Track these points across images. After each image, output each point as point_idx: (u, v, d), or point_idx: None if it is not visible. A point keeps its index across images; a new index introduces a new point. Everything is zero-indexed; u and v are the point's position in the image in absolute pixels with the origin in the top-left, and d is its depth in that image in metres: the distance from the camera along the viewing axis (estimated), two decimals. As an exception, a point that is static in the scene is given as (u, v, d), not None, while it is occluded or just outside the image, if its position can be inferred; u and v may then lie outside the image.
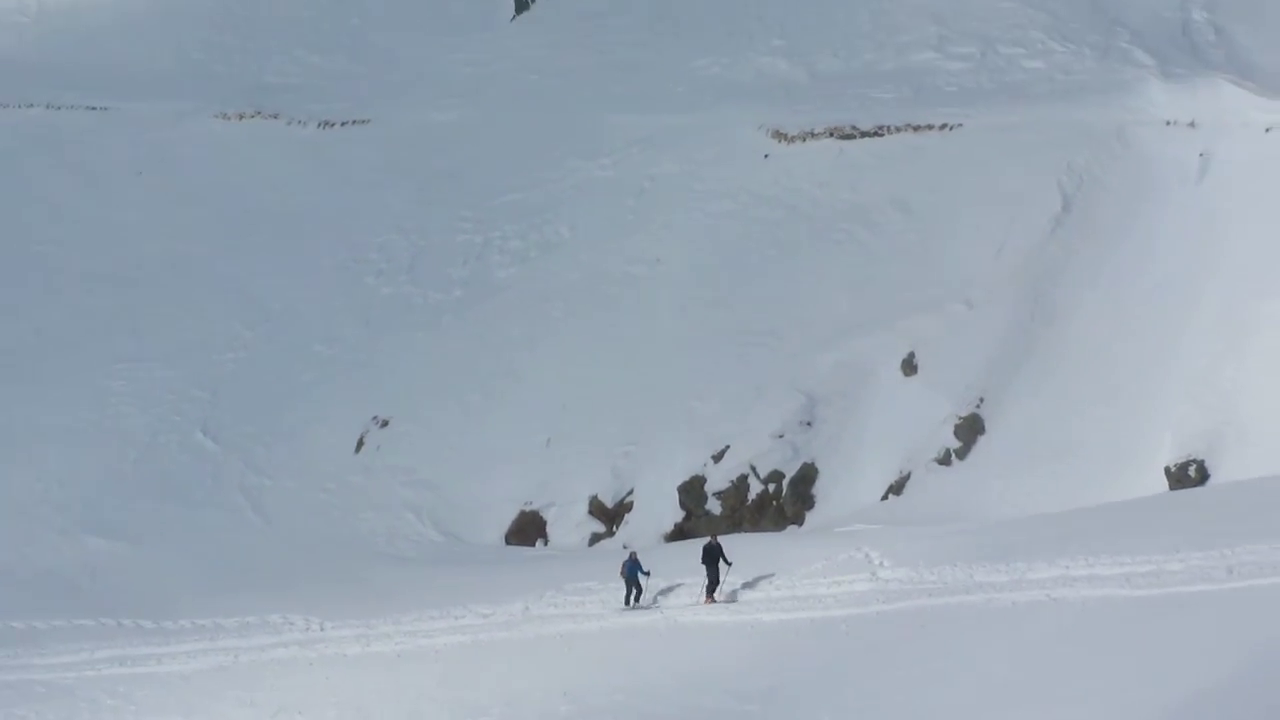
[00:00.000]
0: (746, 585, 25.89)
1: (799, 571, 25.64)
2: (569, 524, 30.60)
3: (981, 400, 29.19)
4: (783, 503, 29.48)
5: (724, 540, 26.49)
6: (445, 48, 39.71)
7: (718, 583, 25.61)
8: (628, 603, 26.96)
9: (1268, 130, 29.51)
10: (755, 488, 29.76)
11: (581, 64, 37.20)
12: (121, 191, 40.05)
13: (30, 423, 35.30)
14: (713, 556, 25.69)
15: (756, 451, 29.96)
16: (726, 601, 25.94)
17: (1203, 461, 27.04)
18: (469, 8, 40.81)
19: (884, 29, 34.68)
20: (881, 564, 25.66)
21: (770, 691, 22.67)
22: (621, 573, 26.20)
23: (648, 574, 26.26)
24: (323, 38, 42.56)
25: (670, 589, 26.40)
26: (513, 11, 39.38)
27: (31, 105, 42.86)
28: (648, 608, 26.47)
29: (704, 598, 25.57)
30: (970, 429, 29.01)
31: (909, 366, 29.71)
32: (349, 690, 26.78)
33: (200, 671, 28.61)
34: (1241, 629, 20.53)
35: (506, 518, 30.97)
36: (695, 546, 26.57)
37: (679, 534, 30.10)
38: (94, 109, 41.45)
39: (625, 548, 28.01)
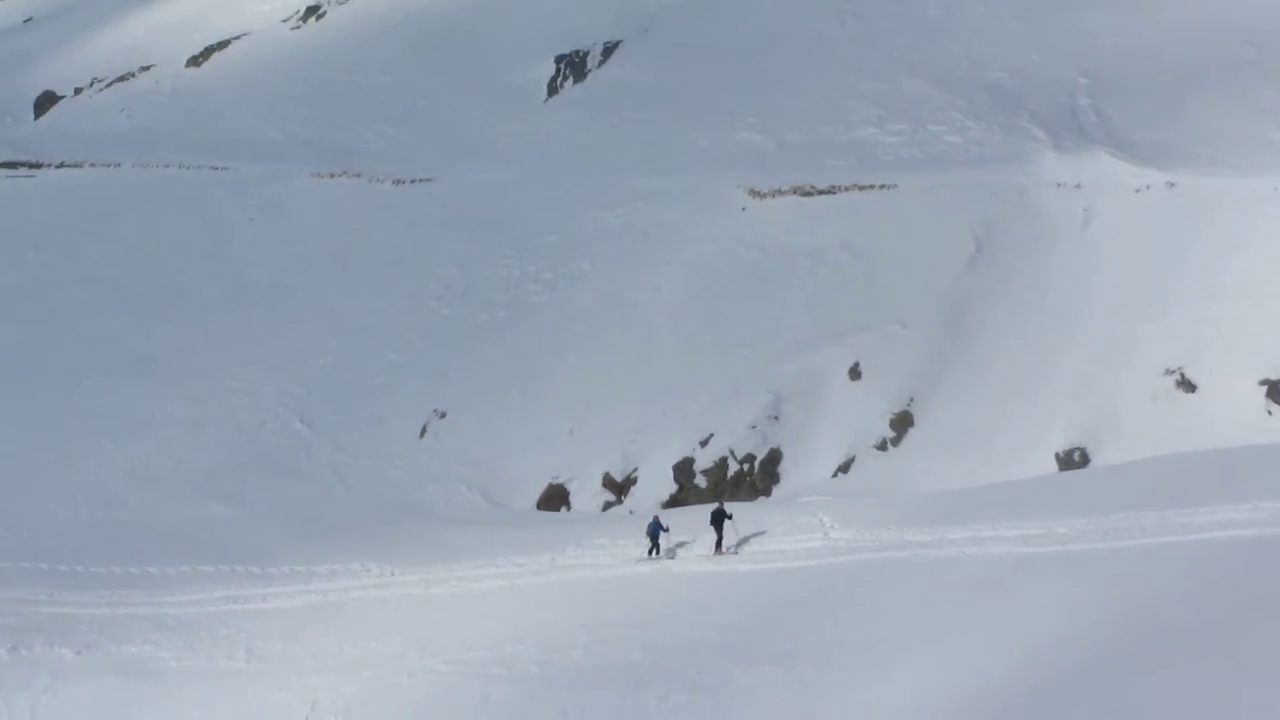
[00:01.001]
0: (679, 547, 26.68)
1: (768, 532, 26.06)
2: (587, 494, 30.82)
3: (911, 400, 29.53)
4: (754, 479, 29.72)
5: (684, 517, 27.02)
6: (493, 123, 40.07)
7: (721, 540, 25.66)
8: (650, 555, 26.91)
9: (1136, 191, 29.95)
10: (733, 467, 30.02)
11: (600, 137, 37.59)
12: (238, 234, 40.57)
13: (166, 412, 35.65)
14: (719, 519, 25.94)
15: (734, 439, 30.22)
16: (732, 554, 26.11)
17: (1085, 449, 27.49)
18: (511, 92, 40.92)
19: (837, 110, 34.98)
20: (831, 526, 26.02)
21: (742, 624, 23.20)
22: (647, 531, 26.53)
23: (667, 530, 26.46)
24: (396, 114, 42.71)
25: (683, 544, 26.71)
26: (545, 95, 39.94)
27: (168, 166, 43.24)
28: (668, 559, 26.59)
29: (714, 551, 25.91)
30: (902, 422, 29.35)
31: (854, 373, 29.96)
32: (413, 623, 27.05)
33: (296, 608, 28.77)
34: (1113, 580, 21.24)
35: (538, 489, 31.15)
36: (701, 511, 27.10)
37: (673, 503, 30.41)
38: (217, 169, 41.99)
39: (655, 516, 27.76)
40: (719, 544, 25.91)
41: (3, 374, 39.38)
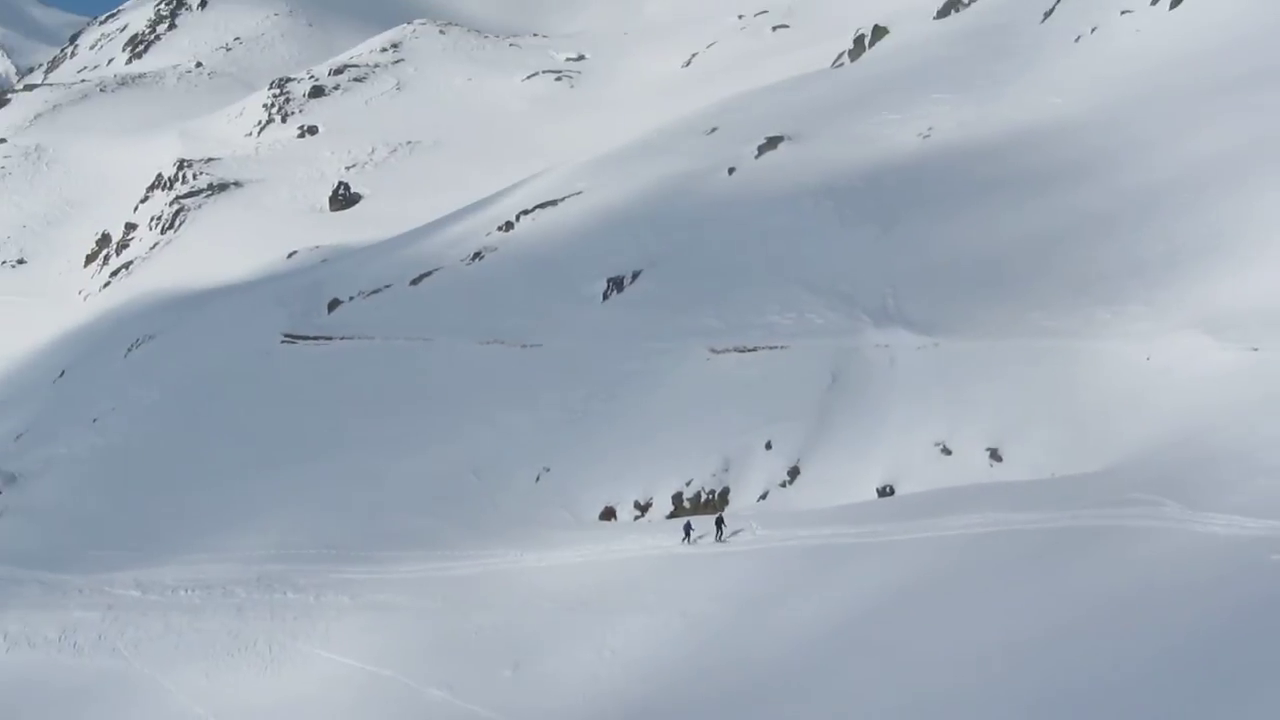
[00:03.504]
0: (700, 538, 26.42)
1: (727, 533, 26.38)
2: (625, 512, 30.72)
3: (799, 460, 29.61)
4: (715, 503, 29.68)
5: (697, 520, 27.34)
6: (572, 314, 38.81)
7: (721, 534, 25.93)
8: (683, 542, 26.47)
9: (918, 349, 29.94)
10: (703, 496, 30.05)
11: (629, 322, 36.71)
12: (432, 372, 39.57)
13: (398, 469, 35.29)
14: (719, 523, 26.13)
15: (704, 481, 30.28)
16: (722, 542, 26.03)
17: (892, 485, 27.55)
18: (582, 297, 39.96)
19: (758, 307, 34.38)
20: (757, 529, 26.22)
21: (726, 594, 23.21)
22: (683, 528, 26.54)
23: (693, 529, 26.45)
24: (522, 309, 41.62)
25: (701, 536, 26.45)
26: (601, 300, 38.95)
27: (399, 338, 43.03)
28: (693, 544, 26.38)
29: (715, 540, 26.03)
30: (793, 473, 29.54)
31: (768, 446, 30.13)
32: (531, 580, 26.99)
33: (472, 572, 28.40)
34: (907, 555, 22.16)
35: (598, 509, 31.05)
36: (706, 520, 27.18)
37: (672, 515, 30.02)
38: (423, 340, 41.79)
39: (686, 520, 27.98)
40: (718, 537, 26.21)
41: (306, 443, 38.90)
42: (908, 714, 16.16)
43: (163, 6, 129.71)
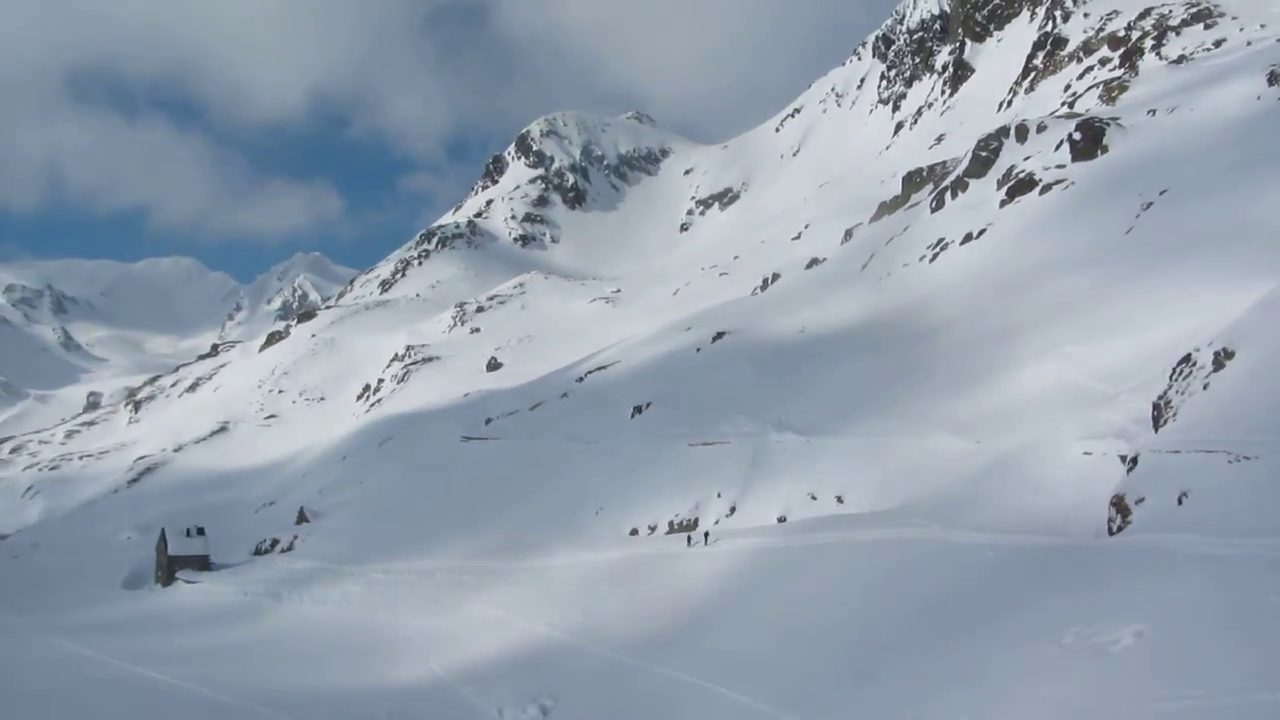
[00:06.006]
0: (697, 543, 24.77)
1: (699, 543, 25.18)
2: (643, 531, 30.00)
3: (734, 503, 28.75)
4: (689, 526, 28.93)
5: (694, 534, 26.10)
6: (611, 427, 36.93)
7: (706, 541, 24.57)
8: (689, 545, 24.38)
9: (799, 442, 28.38)
10: (684, 522, 29.35)
11: (644, 430, 34.83)
12: (543, 459, 37.50)
13: (521, 506, 33.23)
14: (706, 535, 25.12)
15: (685, 514, 29.75)
16: (710, 545, 23.94)
17: (786, 516, 26.19)
18: (619, 417, 37.04)
19: (711, 423, 32.59)
20: (716, 540, 24.23)
21: (711, 582, 20.65)
22: (687, 539, 25.06)
23: (692, 539, 25.07)
24: (584, 427, 39.19)
25: (697, 541, 25.00)
26: (629, 418, 36.55)
27: (519, 439, 41.69)
28: (691, 546, 24.28)
29: (704, 544, 24.42)
30: (734, 509, 28.58)
31: (719, 496, 29.26)
32: (584, 573, 24.67)
33: (562, 564, 26.64)
34: (795, 553, 19.75)
35: (629, 529, 30.39)
36: (699, 534, 25.63)
37: (667, 534, 29.09)
38: (535, 439, 40.74)
39: (697, 533, 26.19)
40: (705, 542, 24.94)
41: (474, 494, 38.38)
42: (778, 629, 15.43)
43: (398, 264, 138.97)
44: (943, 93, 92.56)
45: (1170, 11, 46.63)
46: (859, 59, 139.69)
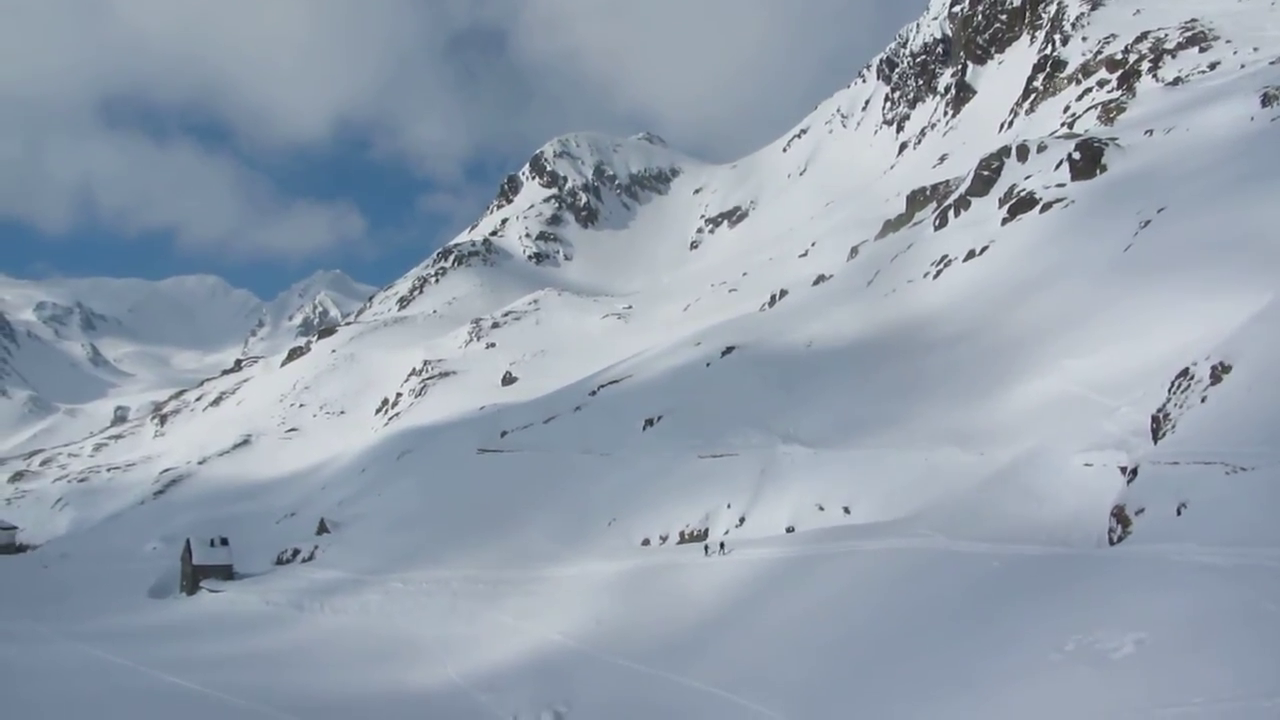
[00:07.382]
0: (714, 552, 24.34)
1: (712, 552, 25.04)
2: (654, 541, 29.60)
3: (745, 513, 28.28)
4: (700, 536, 28.69)
5: (710, 544, 25.56)
6: (624, 439, 35.89)
7: (722, 550, 24.21)
8: (705, 554, 24.31)
9: (807, 454, 27.88)
10: (695, 533, 29.02)
11: (655, 443, 34.30)
12: (558, 470, 37.48)
13: (535, 513, 32.64)
14: (721, 545, 24.67)
15: (695, 525, 29.45)
16: (726, 554, 23.58)
17: (794, 527, 25.83)
18: (631, 429, 36.68)
19: (721, 435, 32.08)
20: (730, 550, 24.01)
21: (722, 590, 20.52)
22: (704, 548, 24.72)
23: (709, 548, 24.82)
24: (598, 440, 38.81)
25: (715, 550, 24.81)
26: (641, 430, 36.36)
27: (534, 450, 40.84)
28: (709, 555, 24.01)
29: (721, 554, 24.10)
30: (743, 520, 28.10)
31: (728, 507, 28.91)
32: (598, 584, 24.05)
33: (569, 573, 26.52)
34: (804, 561, 19.43)
35: (641, 538, 30.03)
36: (715, 544, 25.23)
37: (679, 545, 28.68)
38: (550, 451, 39.76)
39: (713, 544, 25.23)
40: (720, 549, 24.92)
41: (490, 505, 38.00)
42: (788, 638, 15.60)
43: (415, 281, 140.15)
44: (945, 114, 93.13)
45: (1166, 35, 46.80)
46: (864, 81, 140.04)
